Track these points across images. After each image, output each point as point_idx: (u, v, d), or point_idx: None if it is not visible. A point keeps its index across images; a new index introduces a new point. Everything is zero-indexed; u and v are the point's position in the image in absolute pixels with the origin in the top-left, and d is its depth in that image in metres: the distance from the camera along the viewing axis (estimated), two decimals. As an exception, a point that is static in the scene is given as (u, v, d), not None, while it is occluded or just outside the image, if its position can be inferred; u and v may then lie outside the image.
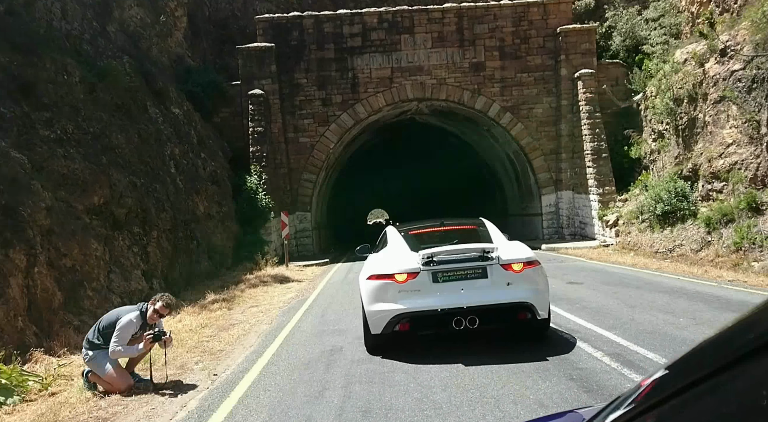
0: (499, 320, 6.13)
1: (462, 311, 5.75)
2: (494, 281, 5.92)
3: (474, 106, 23.39)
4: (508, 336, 6.55)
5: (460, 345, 6.29)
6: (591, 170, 20.99)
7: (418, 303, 5.82)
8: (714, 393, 0.57)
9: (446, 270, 5.93)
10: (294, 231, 23.01)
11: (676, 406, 0.62)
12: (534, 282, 6.20)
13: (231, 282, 14.32)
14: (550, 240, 22.43)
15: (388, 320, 5.91)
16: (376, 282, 6.25)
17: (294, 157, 23.37)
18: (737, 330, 0.59)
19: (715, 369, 0.57)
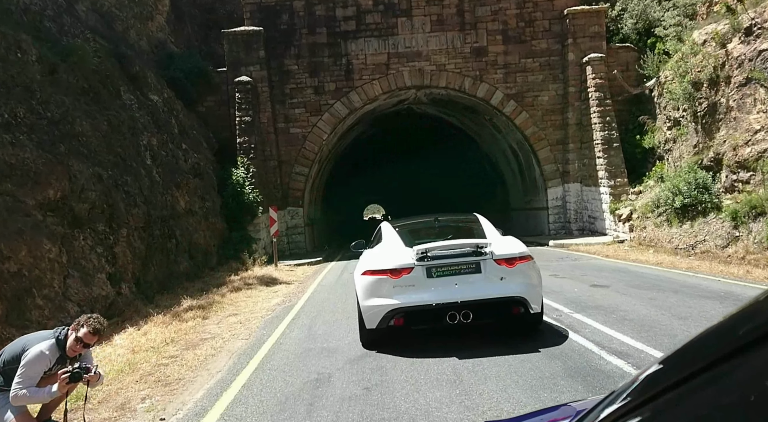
0: (492, 315, 6.11)
1: (456, 306, 5.77)
2: (488, 276, 5.95)
3: (476, 94, 22.01)
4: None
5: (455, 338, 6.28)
6: (601, 161, 19.67)
7: (413, 298, 5.85)
8: (711, 384, 0.56)
9: (440, 265, 5.95)
10: (285, 227, 21.64)
11: (673, 399, 0.61)
12: (527, 276, 6.17)
13: (213, 285, 12.97)
14: (556, 236, 21.13)
15: (383, 315, 5.93)
16: (370, 277, 6.26)
17: (284, 149, 21.97)
18: (735, 321, 0.57)
19: (712, 361, 0.56)
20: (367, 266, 6.51)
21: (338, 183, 35.63)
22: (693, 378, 0.59)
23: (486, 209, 34.71)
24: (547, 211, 22.38)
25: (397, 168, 41.20)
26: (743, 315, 0.58)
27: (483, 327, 6.43)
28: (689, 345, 0.63)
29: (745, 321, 0.56)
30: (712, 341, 0.60)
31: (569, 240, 19.05)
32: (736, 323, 0.57)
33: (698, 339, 0.62)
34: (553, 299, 8.29)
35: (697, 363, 0.59)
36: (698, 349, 0.62)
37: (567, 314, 7.07)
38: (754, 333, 0.53)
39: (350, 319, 7.92)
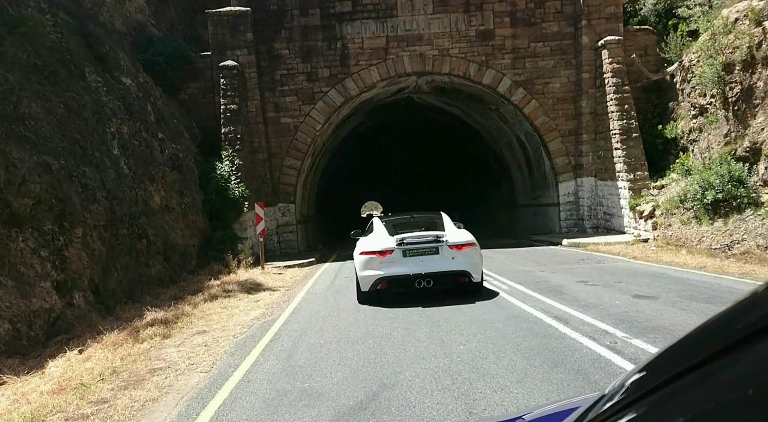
0: (446, 282, 8.69)
1: (422, 276, 8.46)
2: (443, 257, 8.58)
3: (481, 81, 20.37)
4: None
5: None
6: (619, 153, 18.05)
7: (393, 270, 8.56)
8: (707, 380, 0.56)
9: (412, 248, 8.60)
10: (275, 225, 19.99)
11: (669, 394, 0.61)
12: (471, 257, 8.77)
13: (188, 292, 11.34)
14: (569, 234, 19.52)
15: (373, 281, 8.69)
16: (365, 256, 8.86)
17: (275, 140, 20.30)
18: (730, 316, 0.57)
19: (707, 356, 0.57)
20: (363, 248, 9.07)
21: (334, 178, 33.98)
22: (688, 374, 0.58)
23: (490, 205, 33.21)
24: (558, 207, 20.76)
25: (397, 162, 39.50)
26: (738, 310, 0.57)
27: (439, 291, 9.01)
28: (683, 341, 0.62)
29: (741, 315, 0.56)
30: (707, 336, 0.59)
31: (584, 238, 17.44)
32: (731, 318, 0.57)
33: (693, 335, 0.62)
34: (595, 316, 6.67)
35: (692, 358, 0.59)
36: (693, 345, 0.61)
37: (623, 340, 5.44)
38: (751, 327, 0.52)
39: (341, 343, 6.30)
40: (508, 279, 10.42)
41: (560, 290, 8.85)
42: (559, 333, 5.90)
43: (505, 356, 5.24)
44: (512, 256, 15.05)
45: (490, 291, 9.27)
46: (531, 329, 6.22)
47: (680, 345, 0.64)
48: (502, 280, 10.40)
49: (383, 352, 5.73)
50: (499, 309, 7.61)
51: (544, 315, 6.89)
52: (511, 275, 11.06)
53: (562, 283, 9.54)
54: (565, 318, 6.64)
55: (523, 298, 8.31)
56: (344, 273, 13.85)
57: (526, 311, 7.28)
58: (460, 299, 8.62)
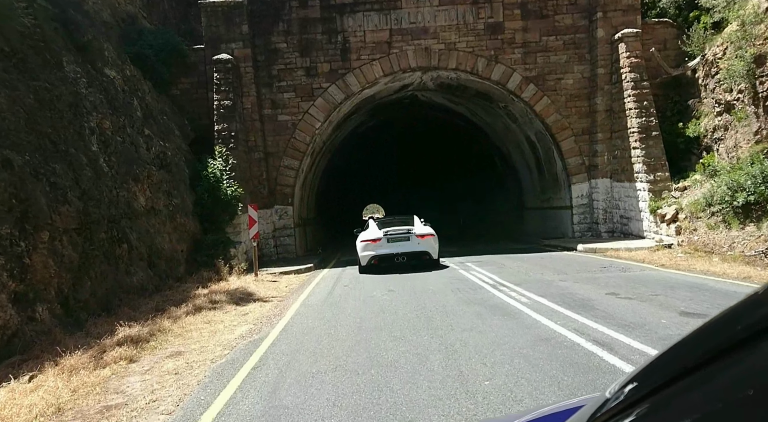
0: (415, 259, 13.79)
1: (399, 254, 13.60)
2: (413, 242, 13.71)
3: (490, 77, 19.28)
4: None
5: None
6: (638, 152, 16.93)
7: (381, 251, 13.67)
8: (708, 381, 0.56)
9: (392, 237, 13.75)
10: (272, 229, 18.91)
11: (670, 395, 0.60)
12: (430, 243, 13.91)
13: (172, 302, 10.26)
14: (583, 239, 18.40)
15: (369, 258, 13.79)
16: (364, 243, 14.07)
17: (272, 139, 19.22)
18: (732, 316, 0.57)
19: (709, 357, 0.56)
20: (362, 238, 14.19)
21: (334, 179, 32.91)
22: (690, 374, 0.58)
23: (495, 208, 32.04)
24: (571, 210, 19.64)
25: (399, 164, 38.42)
26: (739, 310, 0.56)
27: (410, 266, 13.72)
28: (685, 341, 0.62)
29: (742, 316, 0.55)
30: (708, 337, 0.58)
31: (601, 243, 16.32)
32: (732, 318, 0.56)
33: (694, 335, 0.61)
34: (644, 340, 5.53)
35: (693, 359, 0.58)
36: (694, 345, 0.61)
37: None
38: (752, 328, 0.52)
39: (338, 373, 5.20)
40: (526, 290, 9.31)
41: (590, 304, 7.74)
42: (607, 365, 4.78)
43: (544, 397, 4.13)
44: (525, 263, 13.94)
45: (509, 305, 8.16)
46: (569, 358, 5.10)
47: (682, 345, 0.62)
48: (520, 291, 9.28)
49: (390, 388, 4.62)
50: (524, 329, 6.50)
51: (581, 338, 5.77)
52: (529, 285, 9.95)
53: (590, 296, 8.43)
54: (607, 343, 5.53)
55: (550, 314, 7.20)
56: (344, 280, 12.75)
57: (557, 332, 6.16)
58: (478, 314, 7.51)
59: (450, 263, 15.02)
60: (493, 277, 11.40)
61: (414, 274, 13.02)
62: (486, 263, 14.46)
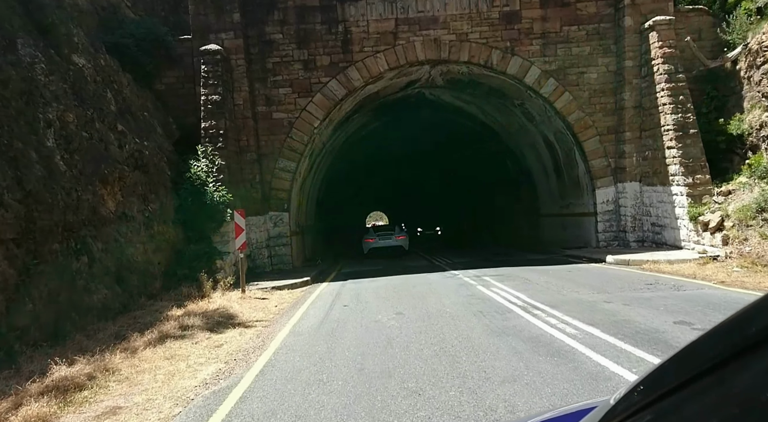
0: (394, 249, 24.24)
1: (385, 248, 24.21)
2: (392, 240, 24.63)
3: (505, 70, 17.56)
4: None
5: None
6: (674, 152, 15.15)
7: (376, 245, 24.29)
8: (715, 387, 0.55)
9: (381, 237, 24.86)
10: (265, 237, 17.15)
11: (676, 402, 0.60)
12: (404, 241, 24.99)
13: (136, 327, 8.52)
14: (610, 249, 16.58)
15: (368, 249, 24.11)
16: (366, 241, 24.69)
17: (266, 139, 17.52)
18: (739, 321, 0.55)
19: (717, 363, 0.55)
20: (365, 238, 25.06)
21: (336, 185, 31.15)
22: (696, 381, 0.57)
23: (506, 215, 30.13)
24: (596, 217, 17.83)
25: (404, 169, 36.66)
26: (747, 315, 0.55)
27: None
28: (691, 347, 0.61)
29: (751, 321, 0.54)
30: (717, 341, 0.57)
31: (633, 254, 14.50)
32: (740, 323, 0.55)
33: (701, 341, 0.60)
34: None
35: (701, 365, 0.57)
36: (702, 351, 0.59)
37: None
38: (761, 333, 0.51)
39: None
40: (568, 316, 7.51)
41: (661, 339, 5.94)
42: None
43: None
44: (552, 277, 12.13)
45: (553, 338, 6.36)
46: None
47: (688, 352, 0.61)
48: (560, 317, 7.48)
49: None
50: (589, 380, 4.71)
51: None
52: (569, 308, 8.15)
53: (654, 325, 6.62)
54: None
55: (614, 355, 5.41)
56: (344, 298, 10.96)
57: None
58: (516, 351, 5.72)
59: (465, 277, 13.23)
60: (520, 296, 9.60)
61: (426, 290, 11.23)
62: (507, 277, 12.66)
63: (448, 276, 13.78)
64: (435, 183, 37.58)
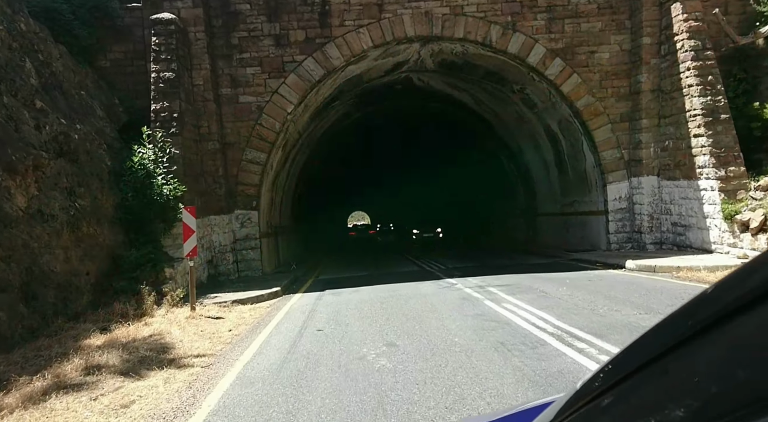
0: (367, 240, 40.06)
1: (361, 237, 43.52)
2: (367, 233, 43.92)
3: (506, 49, 15.44)
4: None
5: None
6: (702, 141, 13.17)
7: (355, 237, 43.42)
8: (668, 370, 0.59)
9: (359, 231, 47.15)
10: (231, 240, 14.78)
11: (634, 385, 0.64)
12: (375, 234, 44.06)
13: (31, 366, 6.20)
14: (625, 252, 14.57)
15: (349, 237, 42.91)
16: (350, 235, 45.15)
17: (231, 126, 15.15)
18: (689, 308, 0.59)
19: (669, 347, 0.59)
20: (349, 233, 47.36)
21: (314, 182, 28.77)
22: (650, 366, 0.60)
23: (500, 216, 28.00)
24: (606, 216, 15.80)
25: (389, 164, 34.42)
26: (692, 306, 0.59)
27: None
28: (646, 335, 0.65)
29: (700, 308, 0.57)
30: (665, 330, 0.61)
31: (656, 259, 12.47)
32: (689, 311, 0.59)
33: (654, 329, 0.64)
34: None
35: (653, 351, 0.61)
36: (653, 338, 0.63)
37: None
38: (703, 322, 0.55)
39: None
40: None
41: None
42: None
43: None
44: (572, 288, 10.01)
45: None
46: None
47: (644, 338, 0.65)
48: (619, 355, 5.29)
49: None
50: None
51: None
52: (621, 338, 5.99)
53: None
54: None
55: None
56: (319, 318, 8.66)
57: None
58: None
59: (466, 288, 11.03)
60: (545, 317, 7.42)
61: (421, 306, 9.00)
62: (516, 288, 10.50)
63: (445, 287, 11.58)
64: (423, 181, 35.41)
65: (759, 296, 0.50)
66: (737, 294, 0.52)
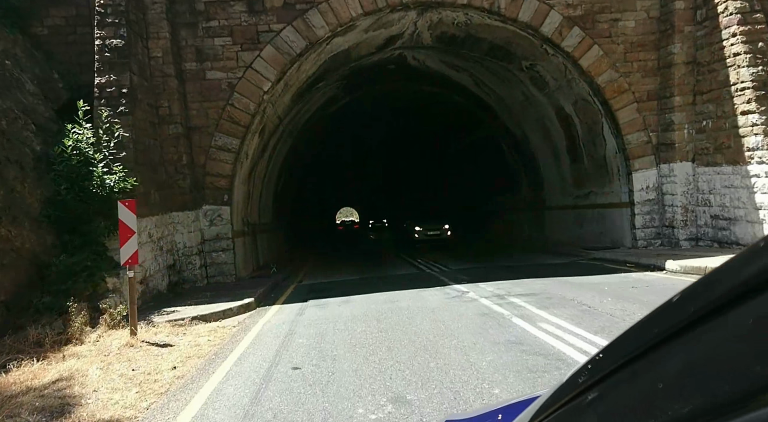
0: (354, 230, 56.16)
1: (350, 229, 56.24)
2: (353, 228, 56.26)
3: (516, 17, 13.35)
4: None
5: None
6: (752, 119, 11.19)
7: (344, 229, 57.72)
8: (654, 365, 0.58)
9: (346, 225, 61.36)
10: (198, 241, 12.58)
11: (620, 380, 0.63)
12: (359, 228, 56.73)
13: None
14: (654, 250, 12.62)
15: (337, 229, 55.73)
16: (339, 229, 55.12)
17: (197, 106, 12.92)
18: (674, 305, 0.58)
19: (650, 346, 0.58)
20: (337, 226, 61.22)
21: (299, 174, 26.53)
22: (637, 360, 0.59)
23: (499, 208, 25.82)
24: (632, 208, 13.82)
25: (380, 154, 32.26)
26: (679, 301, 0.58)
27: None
28: (632, 329, 0.64)
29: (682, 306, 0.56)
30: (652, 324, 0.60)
31: (702, 259, 10.49)
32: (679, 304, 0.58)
33: (641, 323, 0.63)
34: None
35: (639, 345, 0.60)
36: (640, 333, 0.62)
37: None
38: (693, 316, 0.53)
39: None
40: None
41: None
42: None
43: None
44: (618, 298, 7.98)
45: None
46: None
47: (629, 333, 0.64)
48: None
49: None
50: None
51: None
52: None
53: None
54: None
55: None
56: (296, 347, 6.51)
57: None
58: None
59: (481, 297, 8.94)
60: (610, 347, 5.32)
61: (431, 326, 6.89)
62: (545, 298, 8.44)
63: (455, 296, 9.49)
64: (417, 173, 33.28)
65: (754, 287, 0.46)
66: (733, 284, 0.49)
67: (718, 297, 0.50)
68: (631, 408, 0.58)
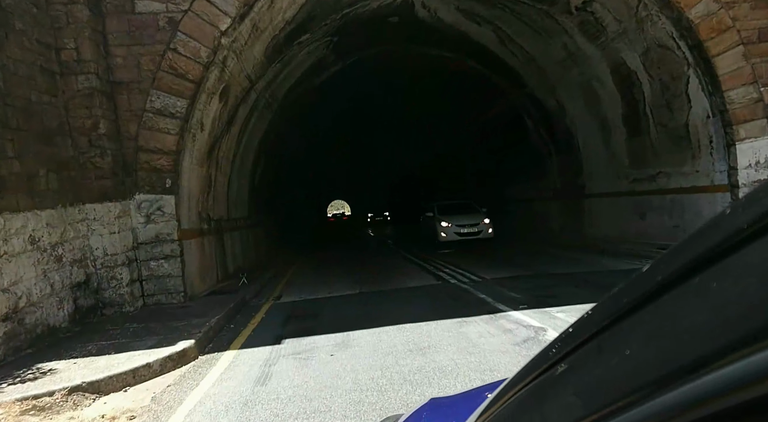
0: (347, 225, 48.62)
1: (341, 221, 58.47)
2: (342, 219, 55.87)
3: (577, -75, 9.48)
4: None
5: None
6: None
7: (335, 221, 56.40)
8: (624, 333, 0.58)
9: (336, 217, 60.83)
10: (127, 244, 8.71)
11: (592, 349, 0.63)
12: (349, 219, 56.23)
13: None
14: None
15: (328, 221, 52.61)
16: (330, 221, 53.76)
17: (123, 52, 8.98)
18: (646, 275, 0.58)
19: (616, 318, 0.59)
20: (328, 218, 57.27)
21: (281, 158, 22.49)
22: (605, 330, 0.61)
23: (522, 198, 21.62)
24: (732, 192, 10.07)
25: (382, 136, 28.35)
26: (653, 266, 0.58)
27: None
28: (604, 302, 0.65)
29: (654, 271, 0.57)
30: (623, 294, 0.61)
31: None
32: (641, 277, 0.59)
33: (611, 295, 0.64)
34: None
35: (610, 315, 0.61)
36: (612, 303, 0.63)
37: None
38: (656, 285, 0.54)
39: None
40: None
41: None
42: None
43: None
44: None
45: None
46: None
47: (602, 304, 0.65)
48: None
49: None
50: None
51: None
52: None
53: None
54: None
55: None
56: None
57: None
58: None
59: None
60: None
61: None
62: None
63: (525, 337, 5.72)
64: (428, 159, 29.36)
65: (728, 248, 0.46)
66: (697, 252, 0.50)
67: (681, 265, 0.50)
68: (600, 377, 0.58)
